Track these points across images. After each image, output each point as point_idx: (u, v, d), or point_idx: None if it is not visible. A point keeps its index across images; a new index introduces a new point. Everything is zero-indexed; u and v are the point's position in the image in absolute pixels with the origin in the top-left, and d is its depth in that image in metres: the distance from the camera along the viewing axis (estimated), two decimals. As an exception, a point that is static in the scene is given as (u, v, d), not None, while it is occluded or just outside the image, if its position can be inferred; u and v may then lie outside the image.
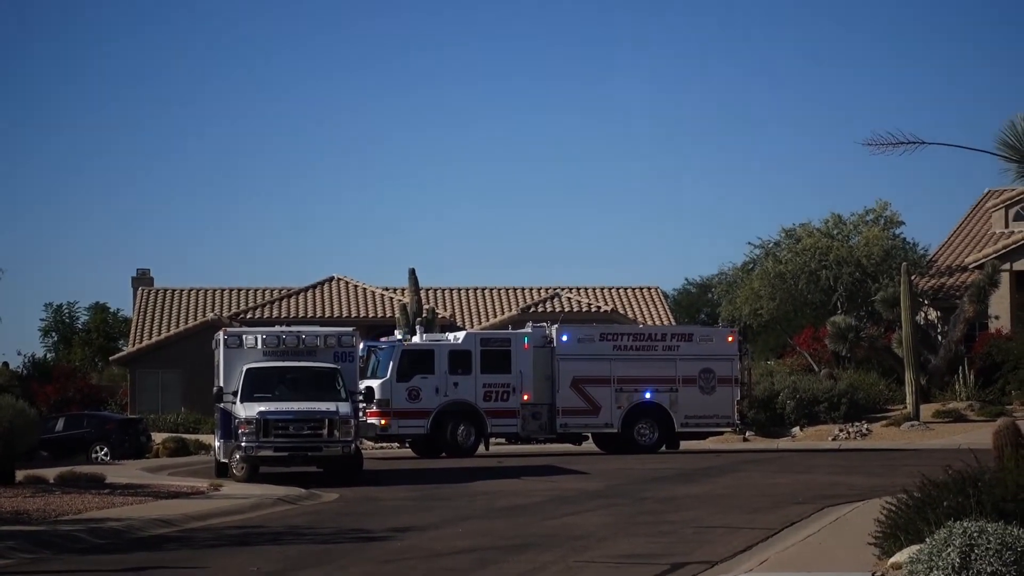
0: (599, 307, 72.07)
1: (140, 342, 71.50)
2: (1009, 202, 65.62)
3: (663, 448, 47.33)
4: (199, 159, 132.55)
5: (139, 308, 74.40)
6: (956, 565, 15.41)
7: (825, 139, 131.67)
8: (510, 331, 51.03)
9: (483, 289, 77.04)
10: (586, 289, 76.29)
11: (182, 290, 76.32)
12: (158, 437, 55.13)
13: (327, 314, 70.04)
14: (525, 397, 46.45)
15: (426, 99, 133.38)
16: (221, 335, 38.60)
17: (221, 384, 37.42)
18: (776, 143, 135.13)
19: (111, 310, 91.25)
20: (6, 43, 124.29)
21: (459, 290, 76.84)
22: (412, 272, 61.52)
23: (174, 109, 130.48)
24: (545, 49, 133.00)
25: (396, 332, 50.22)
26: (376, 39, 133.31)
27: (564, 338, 47.09)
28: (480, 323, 71.39)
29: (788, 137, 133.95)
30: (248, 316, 69.63)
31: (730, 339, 48.60)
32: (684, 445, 48.26)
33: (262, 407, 35.62)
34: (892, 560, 17.28)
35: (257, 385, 36.58)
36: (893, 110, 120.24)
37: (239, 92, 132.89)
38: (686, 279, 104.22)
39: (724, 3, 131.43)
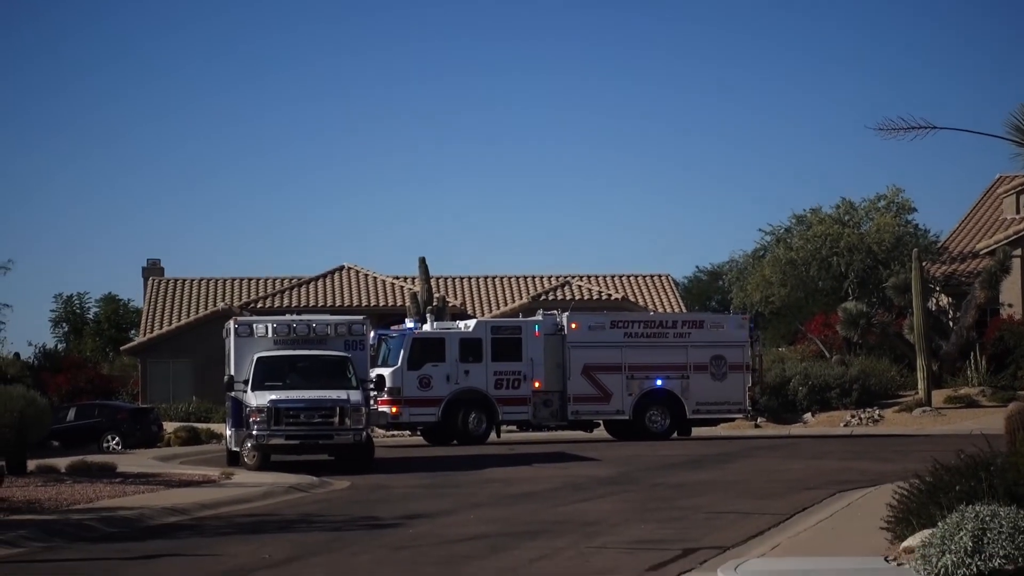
0: (610, 295, 71.99)
1: (151, 332, 71.53)
2: (1020, 188, 65.36)
3: (674, 435, 47.33)
4: (209, 149, 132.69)
5: (149, 298, 74.42)
6: (968, 549, 15.38)
7: (836, 124, 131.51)
8: (521, 319, 50.98)
9: (494, 277, 76.98)
10: (597, 277, 76.21)
11: (192, 280, 76.33)
12: (169, 426, 55.12)
13: (338, 303, 69.99)
14: (536, 385, 46.45)
15: (436, 88, 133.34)
16: (232, 324, 38.60)
17: (232, 373, 37.42)
18: (786, 129, 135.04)
19: (122, 301, 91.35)
20: (11, 35, 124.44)
21: (470, 278, 76.79)
22: (422, 261, 61.41)
23: (184, 98, 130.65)
24: (557, 41, 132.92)
25: (407, 321, 50.20)
26: (386, 27, 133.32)
27: (575, 326, 47.07)
28: (491, 311, 71.34)
29: (798, 123, 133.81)
30: (259, 305, 69.60)
31: (742, 325, 48.65)
32: (695, 432, 48.25)
33: (273, 395, 35.63)
34: (904, 544, 17.24)
35: (268, 374, 36.59)
36: (904, 94, 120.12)
37: (249, 81, 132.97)
38: (697, 266, 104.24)
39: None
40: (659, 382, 47.10)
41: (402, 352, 45.79)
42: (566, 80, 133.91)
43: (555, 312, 48.43)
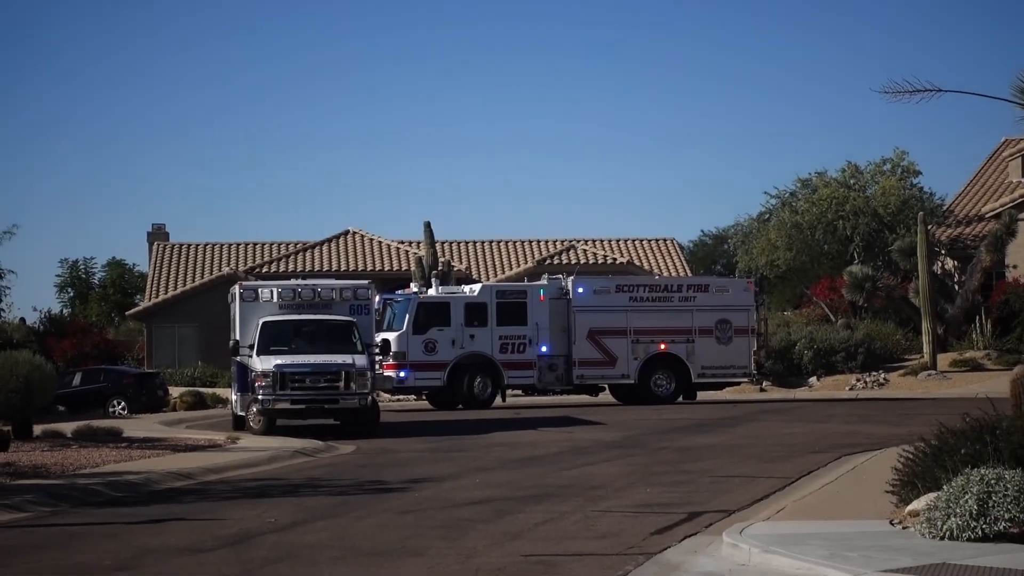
0: (615, 259, 71.95)
1: (156, 297, 71.59)
2: (1026, 151, 65.30)
3: (680, 399, 47.36)
4: (214, 114, 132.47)
5: (155, 263, 74.48)
6: (974, 512, 15.39)
7: (842, 87, 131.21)
8: (526, 283, 50.97)
9: (499, 242, 76.96)
10: (602, 241, 76.18)
11: (198, 245, 76.37)
12: (175, 391, 55.21)
13: (343, 267, 69.99)
14: (542, 349, 46.46)
15: (441, 55, 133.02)
16: (237, 289, 38.57)
17: (237, 338, 37.42)
18: (792, 91, 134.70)
19: (127, 265, 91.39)
20: (24, 6, 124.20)
21: (475, 243, 76.77)
22: (427, 225, 61.43)
23: (190, 64, 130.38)
24: (559, 9, 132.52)
25: (412, 285, 50.25)
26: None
27: (580, 290, 47.06)
28: (496, 275, 71.35)
29: (804, 85, 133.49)
30: (264, 270, 69.65)
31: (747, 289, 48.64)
32: (701, 396, 48.29)
33: (279, 360, 35.63)
34: (910, 508, 17.24)
35: (273, 338, 36.57)
36: (910, 57, 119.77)
37: (254, 46, 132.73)
38: (702, 230, 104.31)
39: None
40: (664, 346, 47.15)
41: (407, 316, 45.81)
42: (570, 46, 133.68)
43: (560, 276, 48.44)
